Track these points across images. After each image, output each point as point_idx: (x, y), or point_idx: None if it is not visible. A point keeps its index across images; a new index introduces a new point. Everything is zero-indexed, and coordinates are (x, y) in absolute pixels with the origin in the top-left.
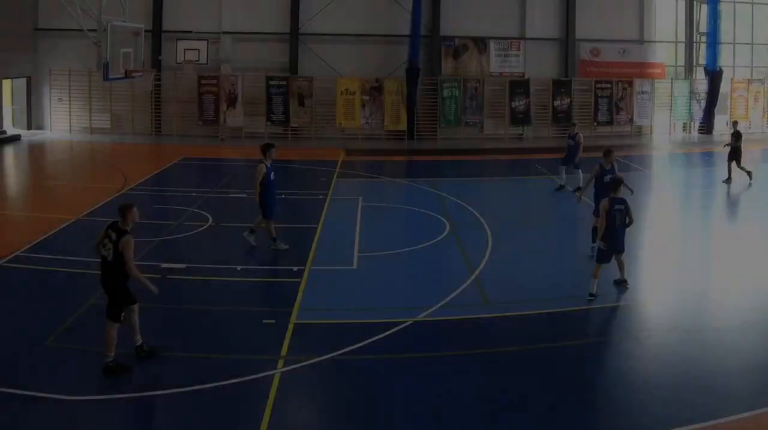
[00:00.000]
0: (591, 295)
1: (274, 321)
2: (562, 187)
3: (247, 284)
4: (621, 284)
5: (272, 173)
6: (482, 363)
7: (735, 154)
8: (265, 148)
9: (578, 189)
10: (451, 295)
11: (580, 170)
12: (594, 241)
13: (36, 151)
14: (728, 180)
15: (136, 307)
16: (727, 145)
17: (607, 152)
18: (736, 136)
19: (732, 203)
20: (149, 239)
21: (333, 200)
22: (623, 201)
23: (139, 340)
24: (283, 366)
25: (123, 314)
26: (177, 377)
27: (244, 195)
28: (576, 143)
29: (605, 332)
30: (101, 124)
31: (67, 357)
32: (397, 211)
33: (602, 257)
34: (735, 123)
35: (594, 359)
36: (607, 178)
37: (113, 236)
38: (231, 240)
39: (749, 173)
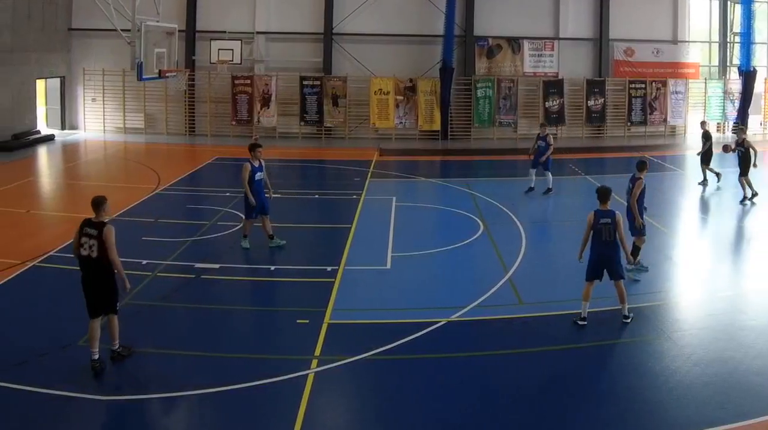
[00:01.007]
0: (581, 319)
1: (308, 321)
2: (531, 189)
3: (281, 284)
4: (624, 320)
5: (259, 173)
6: (515, 363)
7: (706, 156)
8: (252, 148)
9: (548, 191)
10: (485, 295)
11: (549, 173)
12: (630, 262)
13: (69, 151)
14: (704, 182)
15: (115, 318)
16: (706, 147)
17: (642, 164)
18: (706, 136)
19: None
20: (183, 239)
21: (367, 200)
22: (612, 214)
23: (115, 344)
24: (317, 366)
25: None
26: (211, 377)
27: (278, 195)
28: (547, 144)
29: (638, 332)
30: (135, 124)
31: (103, 357)
32: (431, 211)
33: (588, 274)
34: (703, 123)
35: (627, 359)
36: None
37: (93, 232)
38: (264, 240)
39: (718, 174)
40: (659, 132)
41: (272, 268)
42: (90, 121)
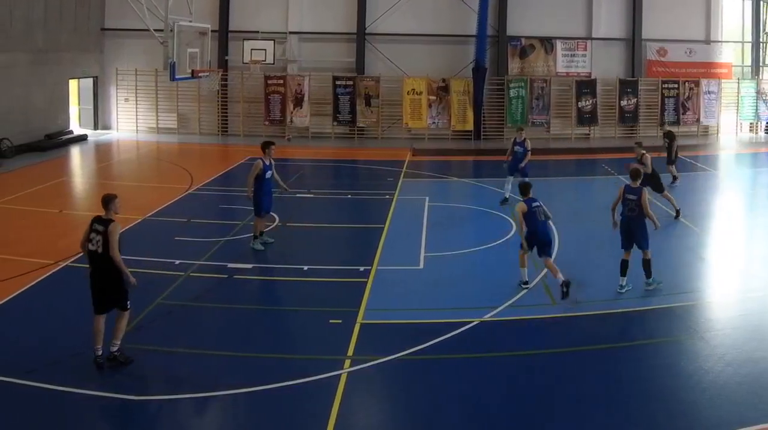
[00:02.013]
0: (524, 283)
1: (341, 321)
2: (506, 200)
3: (314, 284)
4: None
5: (269, 172)
6: (548, 363)
7: (669, 156)
8: (265, 146)
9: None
10: (518, 295)
11: (527, 179)
12: (648, 276)
13: (102, 151)
14: (674, 181)
15: (126, 314)
16: (668, 147)
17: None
18: (669, 137)
19: None
20: (216, 239)
21: (399, 200)
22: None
23: (115, 346)
24: (350, 366)
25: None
26: (243, 377)
27: (311, 195)
28: (524, 149)
29: (671, 332)
30: (168, 124)
31: (132, 357)
32: (464, 211)
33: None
34: (663, 124)
35: (660, 359)
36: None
37: (100, 228)
38: (298, 240)
39: (675, 177)
40: (692, 132)
41: (305, 268)
42: (123, 121)
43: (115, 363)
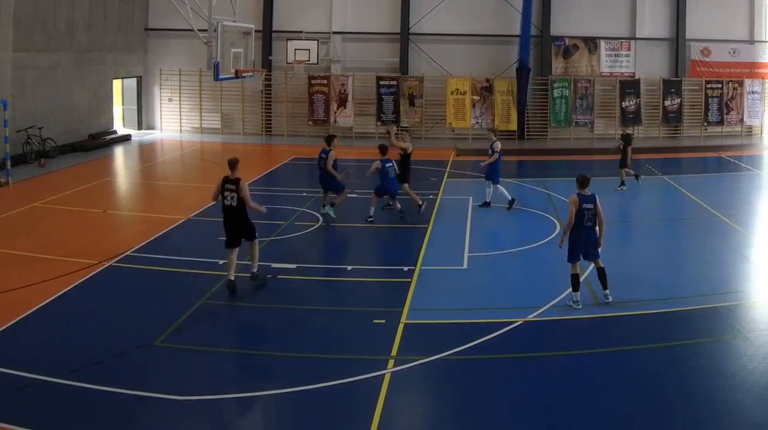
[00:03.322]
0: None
1: (384, 321)
2: (487, 204)
3: (358, 284)
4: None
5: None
6: (591, 363)
7: (623, 159)
8: (329, 140)
9: (486, 204)
10: (562, 295)
11: (499, 186)
12: (606, 287)
13: (146, 151)
14: (623, 185)
15: (256, 241)
16: (619, 148)
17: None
18: (625, 139)
19: None
20: (260, 239)
21: (443, 200)
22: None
23: (254, 268)
24: (394, 366)
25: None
26: (287, 376)
27: (355, 194)
28: (493, 152)
29: (714, 332)
30: (211, 124)
31: (175, 357)
32: (507, 211)
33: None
34: (624, 128)
35: (704, 359)
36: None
37: (232, 187)
38: (342, 240)
39: (623, 182)
40: (735, 132)
41: (349, 268)
42: (166, 121)
43: (256, 281)
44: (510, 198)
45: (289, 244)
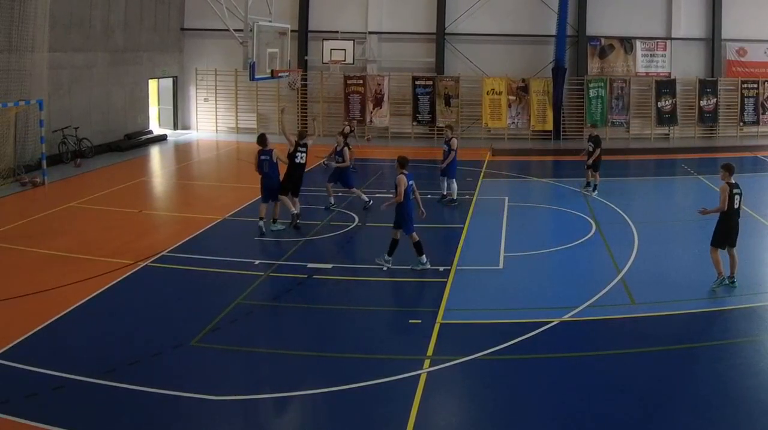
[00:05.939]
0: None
1: (420, 321)
2: (451, 200)
3: (394, 284)
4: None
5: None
6: (628, 363)
7: (594, 160)
8: (262, 139)
9: (452, 202)
10: (598, 295)
11: (454, 181)
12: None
13: (182, 151)
14: (587, 186)
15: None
16: (587, 152)
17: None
18: (595, 142)
19: None
20: (295, 238)
21: (479, 200)
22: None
23: (293, 211)
24: (430, 366)
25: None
26: (323, 377)
27: (391, 195)
28: (449, 149)
29: (751, 332)
30: (247, 124)
31: (211, 357)
32: (543, 211)
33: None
34: (593, 127)
35: (740, 358)
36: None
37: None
38: (377, 240)
39: (588, 183)
40: None
41: (385, 268)
42: (202, 121)
43: (295, 223)
44: (444, 193)
45: (325, 244)
